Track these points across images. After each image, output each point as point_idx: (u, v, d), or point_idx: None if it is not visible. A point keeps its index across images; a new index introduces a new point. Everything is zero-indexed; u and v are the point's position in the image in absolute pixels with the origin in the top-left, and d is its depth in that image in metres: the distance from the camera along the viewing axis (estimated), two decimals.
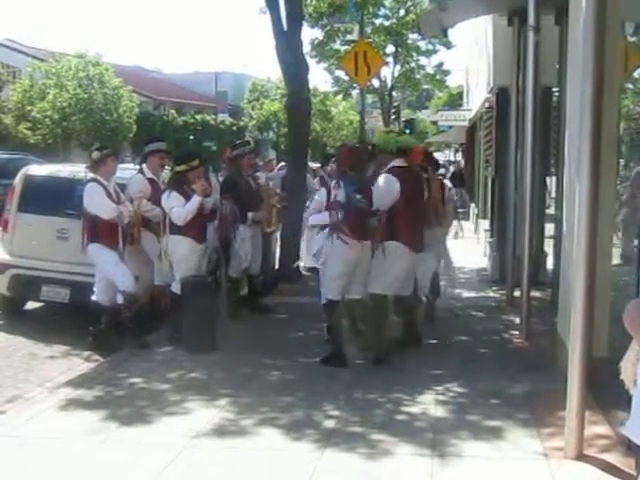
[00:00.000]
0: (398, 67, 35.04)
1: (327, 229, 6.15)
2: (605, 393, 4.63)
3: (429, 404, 5.21)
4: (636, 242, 7.02)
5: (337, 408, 5.11)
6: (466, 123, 21.99)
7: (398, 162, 6.28)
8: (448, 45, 33.97)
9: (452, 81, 43.36)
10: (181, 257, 6.73)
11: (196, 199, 6.59)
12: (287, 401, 5.25)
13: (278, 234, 9.52)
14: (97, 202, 6.64)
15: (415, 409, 5.11)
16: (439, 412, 5.07)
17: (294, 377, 5.87)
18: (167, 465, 4.17)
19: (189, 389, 5.53)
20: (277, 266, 9.78)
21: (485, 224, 13.16)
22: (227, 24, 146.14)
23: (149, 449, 4.42)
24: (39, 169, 8.51)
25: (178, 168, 6.80)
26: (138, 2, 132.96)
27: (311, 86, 11.56)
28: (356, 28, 19.22)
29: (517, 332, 7.22)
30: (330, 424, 4.82)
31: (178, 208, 6.57)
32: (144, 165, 7.36)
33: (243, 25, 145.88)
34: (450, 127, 29.88)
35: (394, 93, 37.55)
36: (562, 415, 4.42)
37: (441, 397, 5.38)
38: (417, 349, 6.62)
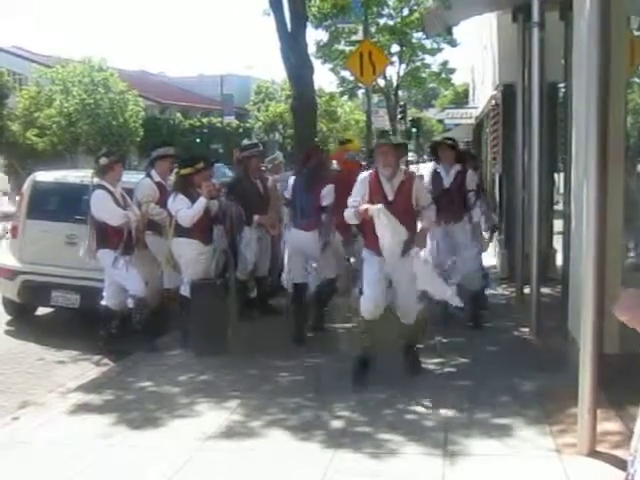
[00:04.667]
0: (403, 66, 35.05)
1: None
2: (616, 389, 4.62)
3: (440, 402, 5.19)
4: None
5: (347, 408, 5.10)
6: (472, 121, 21.94)
7: None
8: (453, 43, 33.95)
9: (457, 79, 43.37)
10: (189, 259, 6.74)
11: (202, 201, 6.60)
12: (297, 402, 5.25)
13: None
14: (105, 209, 6.66)
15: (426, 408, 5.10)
16: (450, 410, 5.05)
17: (303, 378, 5.87)
18: (179, 468, 4.18)
19: (199, 392, 5.54)
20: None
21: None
22: (231, 27, 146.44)
23: (161, 452, 4.43)
24: (47, 175, 8.53)
25: (183, 171, 6.82)
26: (141, 7, 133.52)
27: (316, 87, 11.57)
28: (360, 28, 19.23)
29: (527, 329, 7.20)
30: (340, 424, 4.81)
31: (184, 210, 6.59)
32: (152, 169, 7.40)
33: (247, 27, 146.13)
34: (456, 125, 29.83)
35: (400, 92, 37.59)
36: (573, 412, 4.41)
37: (452, 395, 5.36)
38: None
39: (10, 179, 28.83)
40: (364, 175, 5.82)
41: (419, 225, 5.92)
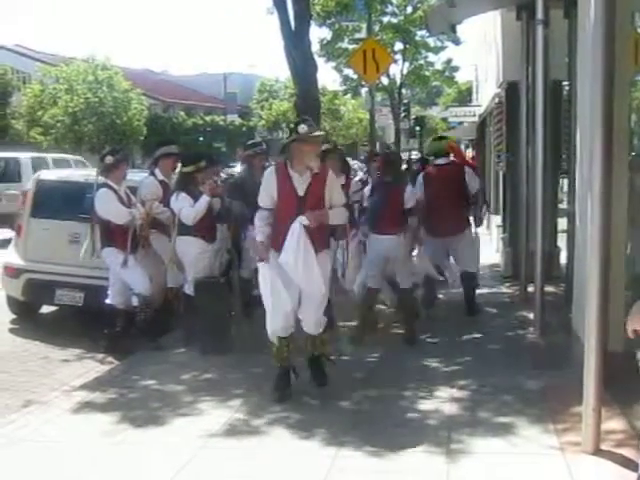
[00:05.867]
0: (407, 64, 34.99)
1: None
2: (620, 387, 4.61)
3: (443, 401, 5.20)
4: None
5: (351, 406, 5.10)
6: (476, 119, 21.92)
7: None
8: (456, 41, 33.87)
9: (461, 77, 43.30)
10: (192, 258, 6.74)
11: (205, 199, 6.60)
12: (300, 400, 5.24)
13: None
14: (110, 208, 6.67)
15: (429, 406, 5.10)
16: (454, 409, 5.05)
17: (307, 376, 5.86)
18: (183, 466, 4.18)
19: (203, 390, 5.54)
20: None
21: (497, 220, 13.11)
22: (234, 25, 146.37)
23: (165, 451, 4.43)
24: (51, 174, 8.54)
25: (185, 169, 6.82)
26: (145, 5, 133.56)
27: (320, 85, 11.56)
28: (364, 26, 19.25)
29: (531, 327, 7.19)
30: (344, 422, 4.81)
31: (187, 208, 6.59)
32: (156, 168, 7.41)
33: (251, 26, 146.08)
34: (460, 123, 29.81)
35: (403, 90, 37.53)
36: (577, 410, 4.40)
37: (456, 393, 5.36)
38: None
39: None
40: (270, 170, 5.33)
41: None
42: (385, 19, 30.26)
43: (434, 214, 7.33)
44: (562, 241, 9.34)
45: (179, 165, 7.26)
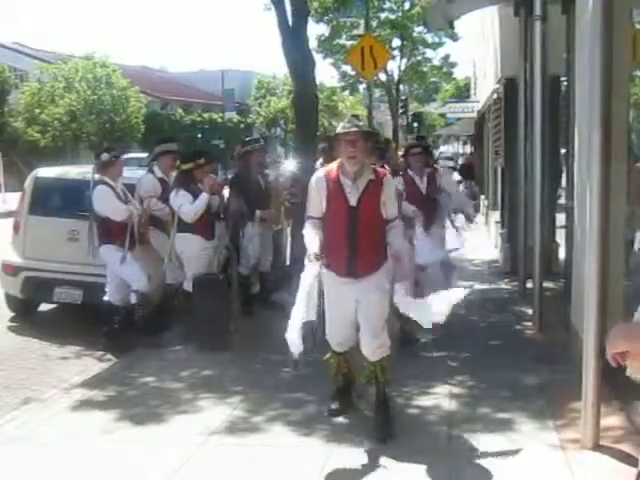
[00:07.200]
0: (404, 60, 34.98)
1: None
2: (619, 383, 4.61)
3: (443, 397, 5.20)
4: None
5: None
6: (474, 115, 21.93)
7: None
8: (454, 37, 33.88)
9: (459, 73, 43.30)
10: (191, 255, 6.74)
11: (204, 196, 6.60)
12: (299, 397, 5.25)
13: (289, 230, 9.52)
14: (108, 205, 6.66)
15: (428, 402, 5.11)
16: (453, 405, 5.06)
17: (306, 373, 5.85)
18: (183, 463, 4.18)
19: (202, 387, 5.55)
20: (288, 262, 9.77)
21: (496, 215, 13.11)
22: (232, 21, 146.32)
23: (164, 448, 4.43)
24: (49, 171, 8.52)
25: (184, 167, 6.81)
26: (143, 2, 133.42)
27: (318, 82, 11.54)
28: (362, 22, 19.21)
29: (530, 323, 7.20)
30: (342, 419, 4.81)
31: (187, 206, 6.59)
32: (155, 165, 7.41)
33: (248, 22, 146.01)
34: (458, 119, 29.80)
35: (401, 87, 37.50)
36: (576, 406, 4.40)
37: (455, 390, 5.37)
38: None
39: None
40: (319, 175, 4.60)
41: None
42: (383, 15, 30.25)
43: None
44: (561, 237, 9.35)
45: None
